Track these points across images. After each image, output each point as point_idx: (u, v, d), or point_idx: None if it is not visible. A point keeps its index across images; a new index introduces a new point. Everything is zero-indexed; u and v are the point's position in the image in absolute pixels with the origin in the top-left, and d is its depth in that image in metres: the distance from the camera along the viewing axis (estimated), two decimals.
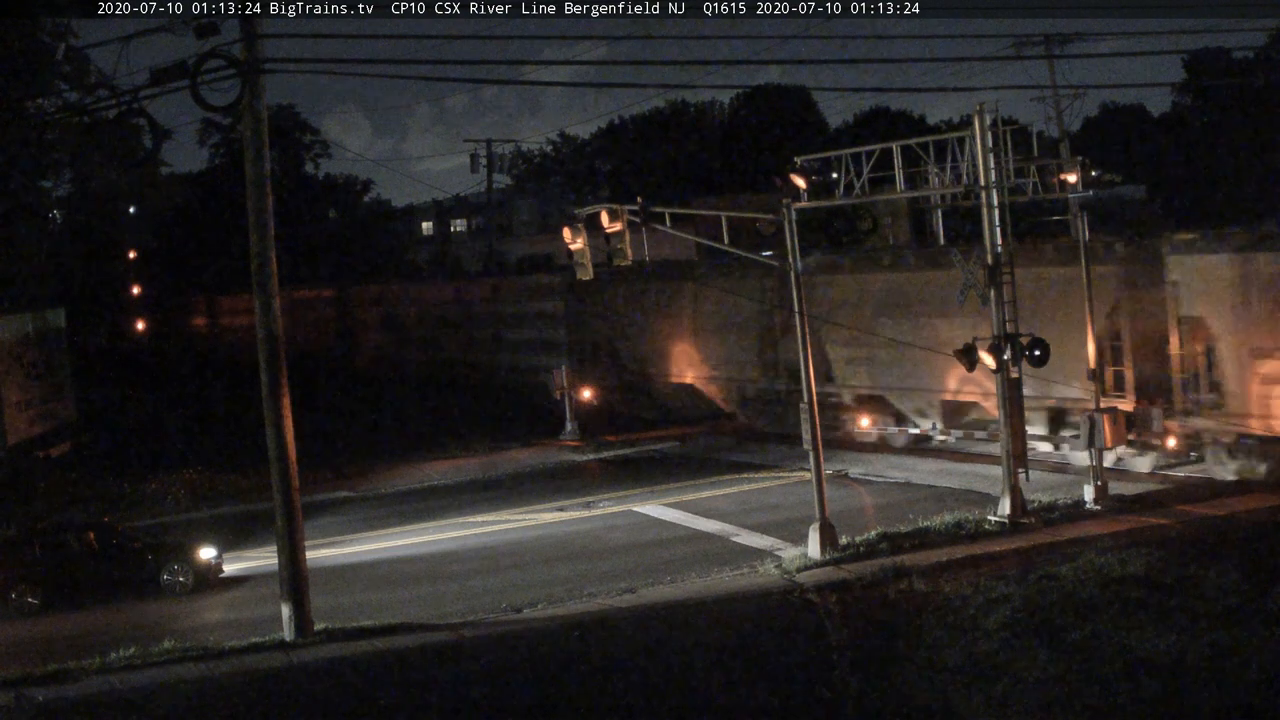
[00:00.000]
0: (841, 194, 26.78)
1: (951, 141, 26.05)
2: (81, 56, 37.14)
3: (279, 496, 20.68)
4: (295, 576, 20.57)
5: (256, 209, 20.45)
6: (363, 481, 35.46)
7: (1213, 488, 26.93)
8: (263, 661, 19.50)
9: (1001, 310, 25.08)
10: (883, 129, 63.13)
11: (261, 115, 20.25)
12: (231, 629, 21.32)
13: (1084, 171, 26.56)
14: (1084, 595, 20.63)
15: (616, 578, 23.36)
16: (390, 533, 28.98)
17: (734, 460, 35.32)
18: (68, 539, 24.68)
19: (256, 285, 20.60)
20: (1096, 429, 26.01)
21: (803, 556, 23.48)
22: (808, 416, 24.15)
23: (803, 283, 24.54)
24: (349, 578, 25.06)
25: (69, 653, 19.86)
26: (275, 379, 20.56)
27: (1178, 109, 74.94)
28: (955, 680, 18.53)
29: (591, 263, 25.60)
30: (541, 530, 28.42)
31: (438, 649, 19.86)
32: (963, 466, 31.69)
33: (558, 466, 36.77)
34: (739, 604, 21.46)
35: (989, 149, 24.92)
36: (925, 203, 30.96)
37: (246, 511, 31.05)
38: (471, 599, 22.62)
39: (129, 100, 19.91)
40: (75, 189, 54.22)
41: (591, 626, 20.59)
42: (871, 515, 26.94)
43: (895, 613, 20.93)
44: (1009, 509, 25.05)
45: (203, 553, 24.88)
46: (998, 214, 25.09)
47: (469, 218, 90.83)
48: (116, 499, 33.20)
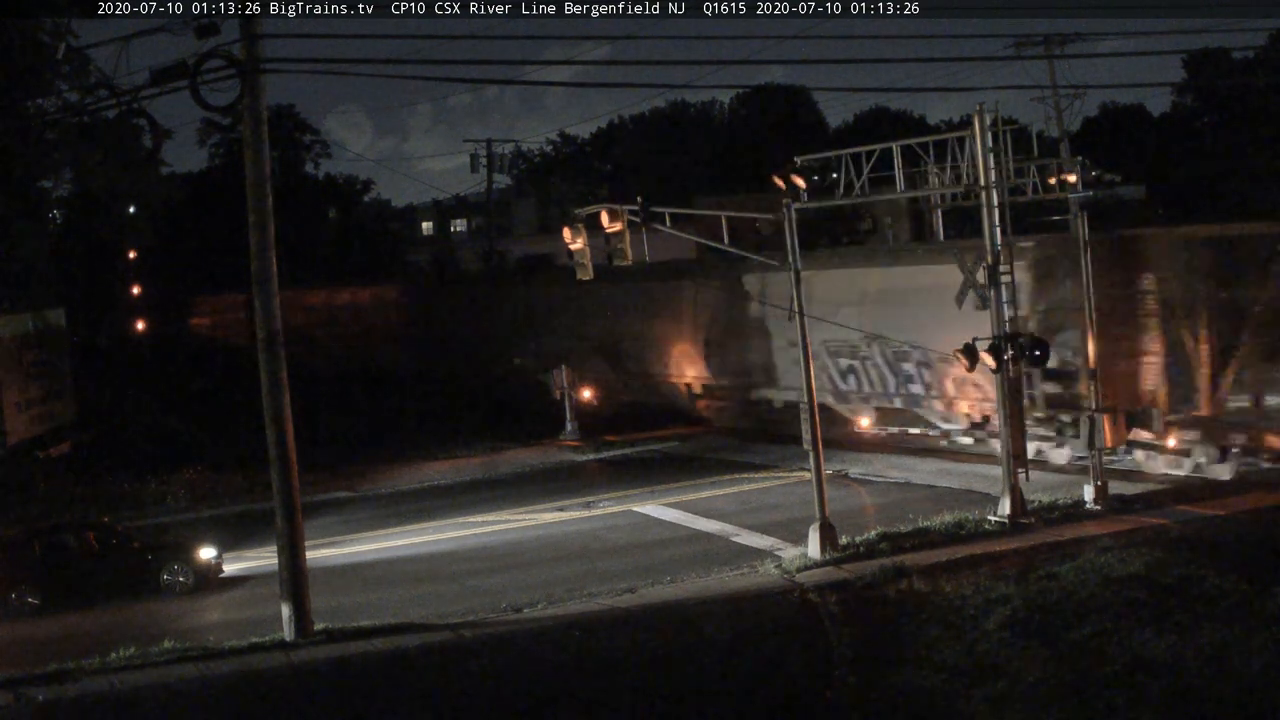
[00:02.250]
0: (841, 194, 26.78)
1: (951, 141, 26.06)
2: (81, 56, 37.09)
3: (279, 496, 20.69)
4: (295, 576, 20.58)
5: (256, 209, 20.45)
6: (363, 481, 35.46)
7: (1213, 487, 26.95)
8: (263, 661, 19.50)
9: (1001, 310, 25.08)
10: (883, 129, 63.11)
11: (261, 115, 20.25)
12: (231, 629, 21.32)
13: (1084, 171, 26.57)
14: (1084, 595, 20.62)
15: (616, 578, 23.36)
16: (390, 533, 28.99)
17: (734, 460, 35.32)
18: (68, 539, 24.69)
19: (256, 285, 20.60)
20: (1096, 429, 26.01)
21: (803, 556, 23.49)
22: (807, 416, 24.15)
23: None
24: (349, 578, 25.06)
25: (69, 653, 19.86)
26: (275, 379, 20.56)
27: (1178, 109, 74.95)
28: (955, 680, 18.51)
29: (591, 262, 25.63)
30: (541, 530, 28.42)
31: (438, 649, 19.86)
32: (963, 466, 31.68)
33: (558, 466, 36.78)
34: (739, 604, 21.45)
35: (989, 149, 24.93)
36: (925, 203, 30.97)
37: (246, 511, 31.06)
38: (471, 599, 22.62)
39: (129, 100, 19.94)
40: (75, 189, 54.18)
41: (592, 626, 20.59)
42: (871, 515, 26.94)
43: (895, 613, 20.92)
44: (1009, 509, 25.05)
45: (203, 553, 24.89)
46: (998, 214, 25.10)
47: (469, 218, 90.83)
48: (116, 499, 33.22)
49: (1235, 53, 66.52)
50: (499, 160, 69.18)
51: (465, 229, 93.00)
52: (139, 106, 19.90)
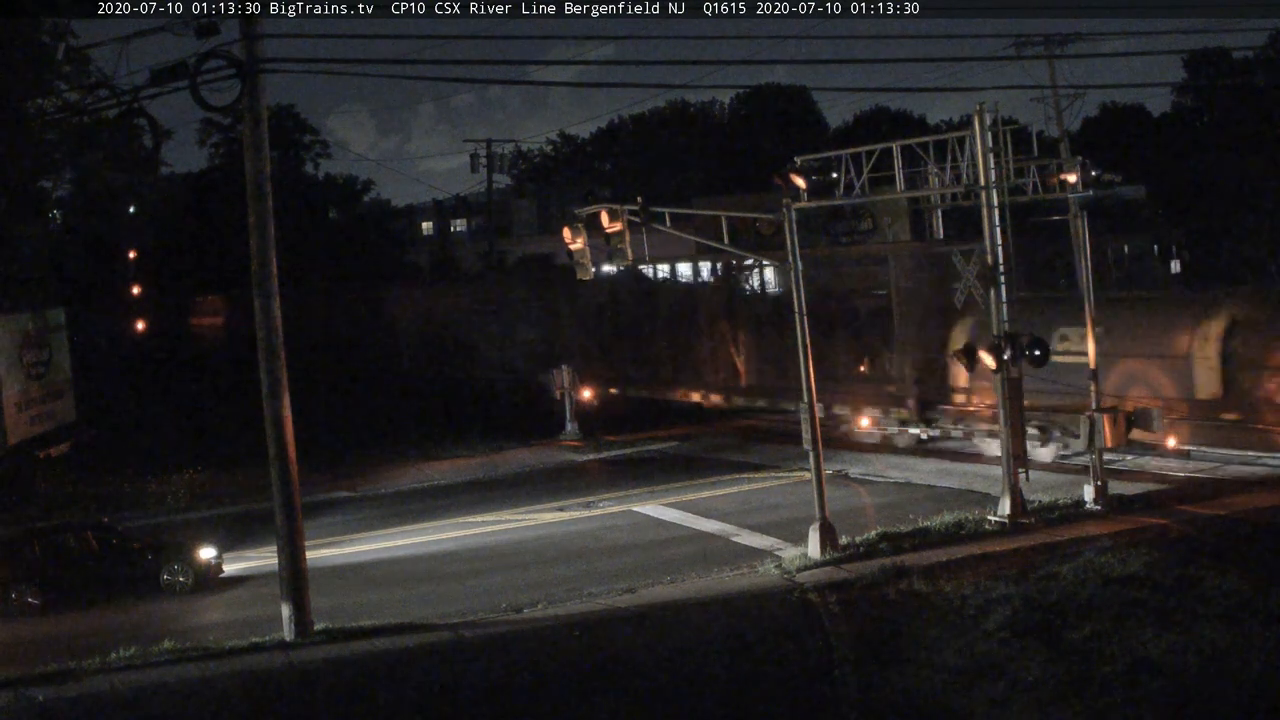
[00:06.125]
0: (841, 194, 26.77)
1: (951, 141, 26.03)
2: (81, 56, 37.13)
3: (279, 496, 20.68)
4: (295, 576, 20.57)
5: (256, 209, 20.43)
6: (363, 481, 35.46)
7: (1214, 487, 26.96)
8: (263, 661, 19.48)
9: (1001, 310, 25.08)
10: (883, 129, 63.12)
11: (261, 115, 20.23)
12: (231, 629, 21.30)
13: (1084, 171, 26.55)
14: (1084, 595, 20.64)
15: (616, 577, 23.36)
16: (390, 533, 28.98)
17: (734, 460, 35.32)
18: (68, 539, 24.67)
19: (256, 285, 20.58)
20: (1096, 429, 26.01)
21: (803, 556, 23.48)
22: (807, 417, 24.15)
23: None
24: (349, 578, 25.05)
25: (69, 653, 19.83)
26: (275, 379, 20.56)
27: (1178, 109, 74.94)
28: (955, 680, 18.53)
29: (591, 262, 25.63)
30: (541, 530, 28.42)
31: (438, 649, 19.85)
32: (963, 466, 31.69)
33: (558, 466, 36.78)
34: (739, 604, 21.45)
35: (989, 149, 24.92)
36: (925, 203, 30.96)
37: (246, 511, 31.03)
38: (471, 599, 22.61)
39: (129, 100, 19.95)
40: (75, 189, 54.22)
41: (592, 626, 20.58)
42: (871, 515, 26.93)
43: (895, 613, 20.92)
44: (1009, 509, 25.04)
45: (203, 553, 24.88)
46: (998, 214, 25.09)
47: (469, 218, 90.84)
48: (116, 499, 33.19)
49: (1235, 53, 66.59)
50: (499, 160, 69.20)
51: (465, 229, 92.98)
52: (139, 106, 19.93)
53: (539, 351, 49.57)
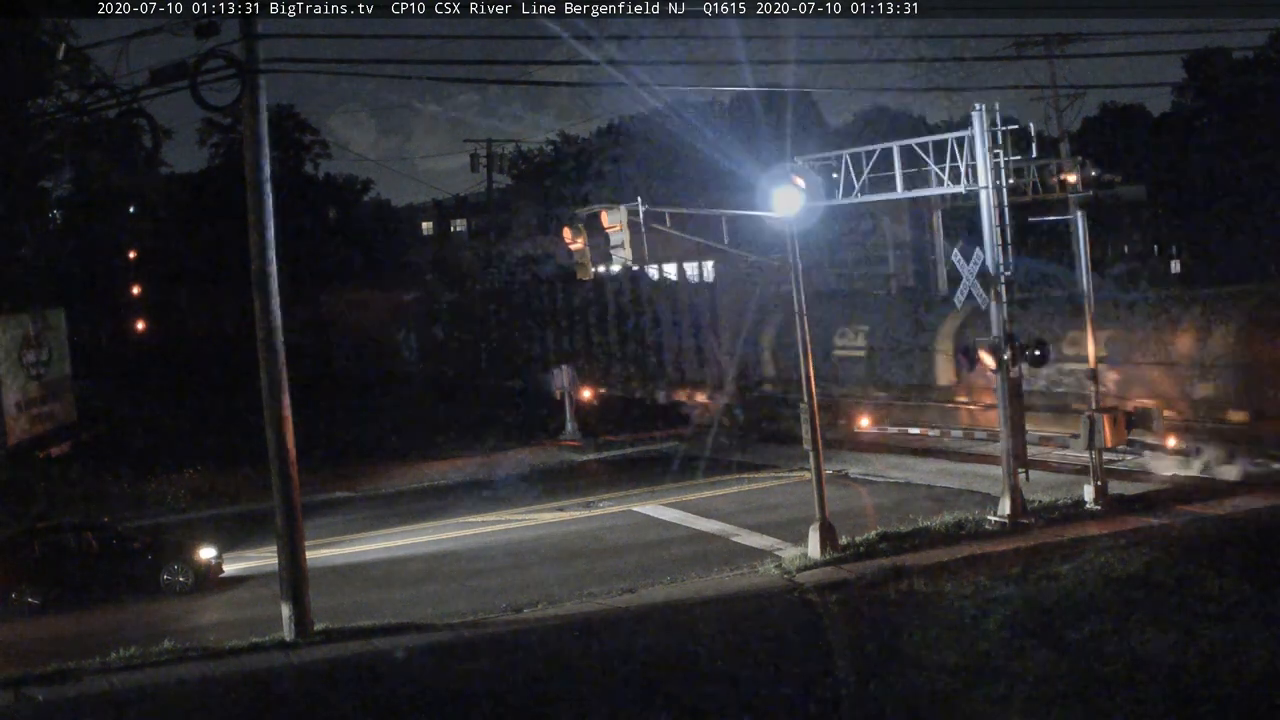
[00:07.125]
0: (841, 194, 26.76)
1: (951, 141, 26.03)
2: (81, 56, 37.16)
3: (279, 496, 20.67)
4: (295, 576, 20.57)
5: (256, 209, 20.43)
6: (363, 481, 35.45)
7: (1213, 487, 26.94)
8: (263, 661, 19.49)
9: (1001, 310, 25.07)
10: (883, 129, 63.05)
11: (261, 115, 20.22)
12: (231, 629, 21.31)
13: (1084, 171, 26.55)
14: (1084, 595, 20.63)
15: (616, 578, 23.35)
16: (390, 533, 28.97)
17: (734, 460, 35.28)
18: (68, 539, 24.65)
19: (256, 285, 20.57)
20: (1096, 429, 26.00)
21: (803, 556, 23.47)
22: (807, 416, 24.15)
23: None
24: (349, 578, 25.05)
25: (69, 653, 19.83)
26: (275, 379, 20.55)
27: (1178, 109, 74.84)
28: (955, 680, 18.51)
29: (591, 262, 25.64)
30: (541, 530, 28.41)
31: (438, 649, 19.85)
32: (963, 466, 31.68)
33: (557, 466, 36.77)
34: (739, 603, 21.45)
35: (989, 149, 24.91)
36: (925, 203, 30.97)
37: (246, 511, 31.01)
38: (471, 599, 22.61)
39: (129, 100, 19.94)
40: (75, 189, 54.22)
41: (592, 626, 20.58)
42: (871, 515, 26.93)
43: (895, 613, 20.92)
44: (1009, 509, 25.04)
45: (203, 553, 24.87)
46: (998, 214, 25.07)
47: (469, 218, 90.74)
48: (116, 499, 33.18)
49: (1235, 53, 66.43)
50: (499, 160, 69.10)
51: (465, 229, 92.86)
52: (139, 106, 19.91)
53: (539, 352, 49.56)
